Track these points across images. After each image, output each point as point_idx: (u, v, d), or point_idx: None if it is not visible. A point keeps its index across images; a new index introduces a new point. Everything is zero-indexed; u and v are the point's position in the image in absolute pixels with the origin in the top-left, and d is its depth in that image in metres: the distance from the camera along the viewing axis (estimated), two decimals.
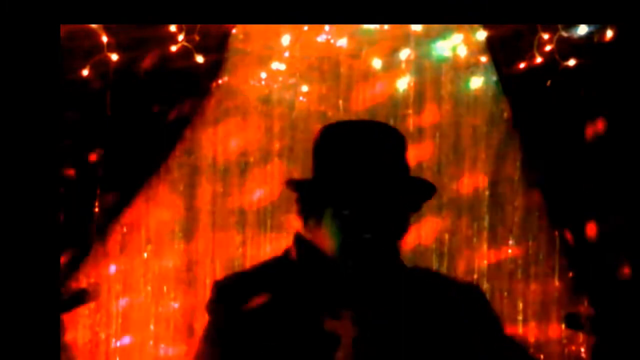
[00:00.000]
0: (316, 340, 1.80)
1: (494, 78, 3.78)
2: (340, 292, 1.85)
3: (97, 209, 3.64)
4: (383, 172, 1.85)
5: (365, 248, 1.83)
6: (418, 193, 1.94)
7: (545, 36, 3.59)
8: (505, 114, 3.80)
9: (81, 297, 3.74)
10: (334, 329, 1.80)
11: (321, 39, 3.79)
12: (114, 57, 3.60)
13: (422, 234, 3.82)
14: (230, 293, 1.90)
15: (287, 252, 1.96)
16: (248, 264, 3.83)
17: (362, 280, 1.86)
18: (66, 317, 3.71)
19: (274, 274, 1.92)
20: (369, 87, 3.84)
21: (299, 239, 1.95)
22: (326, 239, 1.86)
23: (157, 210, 3.84)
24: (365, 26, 3.77)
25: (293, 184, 1.95)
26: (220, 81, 3.81)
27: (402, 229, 1.91)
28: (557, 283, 3.79)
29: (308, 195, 1.89)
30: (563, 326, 3.76)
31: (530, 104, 3.64)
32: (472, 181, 3.83)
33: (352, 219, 1.81)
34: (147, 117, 3.66)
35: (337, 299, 1.85)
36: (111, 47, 3.59)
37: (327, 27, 3.77)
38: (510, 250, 3.82)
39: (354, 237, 1.82)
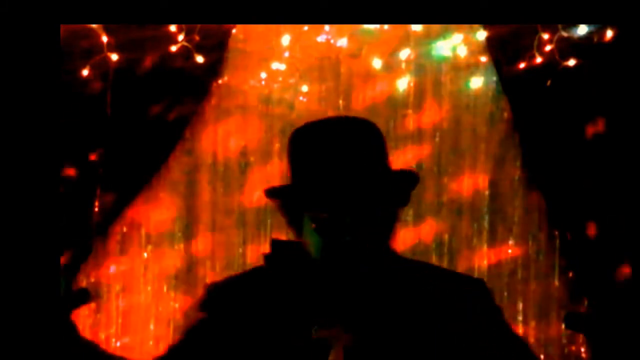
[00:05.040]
0: (304, 350, 1.75)
1: (494, 78, 3.78)
2: (328, 297, 1.79)
3: (97, 209, 3.64)
4: (358, 171, 1.75)
5: (345, 251, 1.74)
6: (400, 186, 1.81)
7: (545, 36, 3.59)
8: (505, 114, 3.80)
9: (81, 297, 3.73)
10: (324, 337, 1.74)
11: (321, 39, 3.79)
12: (114, 57, 3.60)
13: (422, 234, 3.82)
14: (219, 297, 1.87)
15: (267, 259, 1.91)
16: (248, 264, 3.84)
17: (349, 284, 1.78)
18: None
19: (262, 280, 1.87)
20: (369, 87, 3.84)
21: (275, 246, 1.89)
22: (307, 245, 1.80)
23: (157, 210, 3.84)
24: (365, 26, 3.77)
25: (270, 192, 1.88)
26: (220, 81, 3.81)
27: (388, 227, 1.80)
28: (557, 283, 3.79)
29: (286, 202, 1.84)
30: (563, 326, 3.76)
31: (530, 104, 3.64)
32: (472, 181, 3.83)
33: (328, 221, 1.74)
34: (147, 117, 3.66)
35: (324, 305, 1.78)
36: (111, 47, 3.59)
37: (327, 27, 3.77)
38: (510, 250, 3.82)
39: (331, 240, 1.74)
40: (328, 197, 1.74)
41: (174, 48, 3.63)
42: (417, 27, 3.77)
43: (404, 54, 3.80)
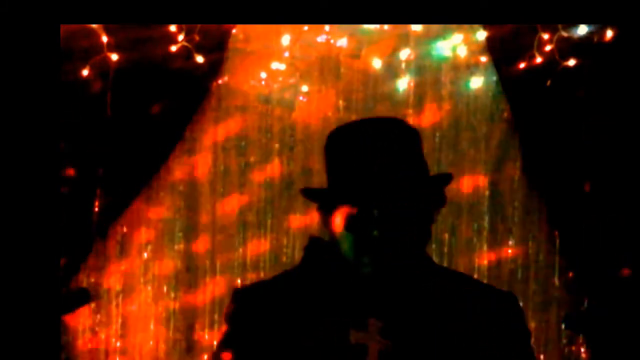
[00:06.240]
0: (339, 353, 1.74)
1: (494, 78, 3.78)
2: (361, 299, 1.78)
3: (97, 209, 3.64)
4: (384, 165, 1.75)
5: (373, 247, 1.74)
6: (431, 185, 1.82)
7: (545, 36, 3.59)
8: (505, 114, 3.81)
9: (81, 297, 3.74)
10: (359, 340, 1.74)
11: (321, 39, 3.79)
12: (114, 57, 3.60)
13: None
14: (250, 302, 1.87)
15: (305, 257, 1.91)
16: (248, 264, 3.84)
17: (384, 285, 1.78)
18: (66, 317, 3.71)
19: (293, 282, 1.87)
20: (369, 87, 3.84)
21: (314, 244, 1.90)
22: (341, 245, 1.79)
23: (157, 210, 3.84)
24: (365, 26, 3.77)
25: (309, 193, 1.90)
26: (220, 81, 3.81)
27: (421, 228, 1.80)
28: (557, 283, 3.79)
29: (322, 203, 1.83)
30: (563, 326, 3.76)
31: (530, 104, 3.64)
32: (472, 181, 3.83)
33: (356, 216, 1.74)
34: (147, 117, 3.66)
35: (359, 306, 1.78)
36: (111, 47, 3.59)
37: (327, 27, 3.77)
38: (510, 250, 3.82)
39: (359, 236, 1.74)
40: (356, 192, 1.75)
41: (174, 48, 3.63)
42: (417, 27, 3.77)
43: (404, 54, 3.80)
